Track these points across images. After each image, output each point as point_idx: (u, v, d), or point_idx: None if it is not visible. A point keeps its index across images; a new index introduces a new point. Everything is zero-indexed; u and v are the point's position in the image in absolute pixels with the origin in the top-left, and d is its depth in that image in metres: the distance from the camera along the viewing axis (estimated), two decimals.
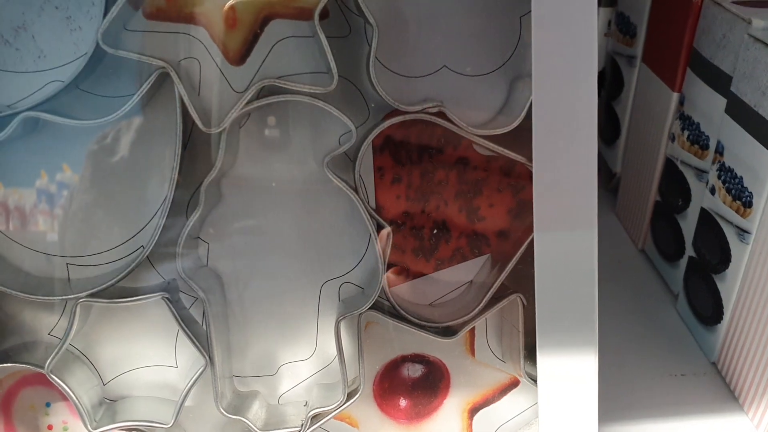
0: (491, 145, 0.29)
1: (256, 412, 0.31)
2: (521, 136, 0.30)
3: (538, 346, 0.29)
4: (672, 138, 0.45)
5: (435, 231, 0.32)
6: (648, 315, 0.45)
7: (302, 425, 0.30)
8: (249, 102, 0.27)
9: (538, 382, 0.30)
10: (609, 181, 0.55)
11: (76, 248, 0.30)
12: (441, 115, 0.29)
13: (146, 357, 0.31)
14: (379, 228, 0.30)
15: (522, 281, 0.31)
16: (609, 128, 0.54)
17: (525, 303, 0.31)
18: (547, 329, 0.29)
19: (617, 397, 0.39)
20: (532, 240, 0.30)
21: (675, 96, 0.45)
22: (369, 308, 0.30)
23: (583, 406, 0.30)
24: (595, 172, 0.29)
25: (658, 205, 0.48)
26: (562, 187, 0.28)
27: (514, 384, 0.33)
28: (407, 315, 0.30)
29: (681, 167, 0.44)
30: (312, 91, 0.28)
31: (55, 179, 0.30)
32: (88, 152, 0.29)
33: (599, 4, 0.53)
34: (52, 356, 0.28)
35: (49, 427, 0.32)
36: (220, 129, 0.27)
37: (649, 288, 0.47)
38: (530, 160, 0.28)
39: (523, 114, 0.29)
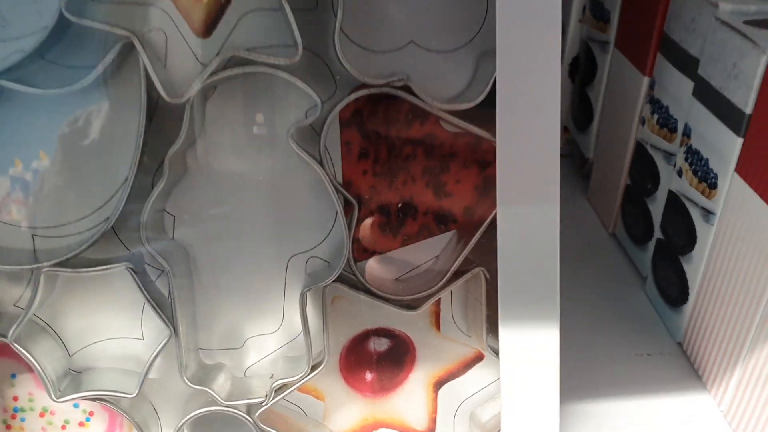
0: (456, 120, 0.29)
1: (222, 384, 0.31)
2: (488, 113, 0.30)
3: (500, 319, 0.30)
4: (642, 122, 0.46)
5: (401, 206, 0.32)
6: (617, 297, 0.46)
7: (266, 396, 0.30)
8: (213, 73, 0.27)
9: (500, 355, 0.30)
10: (582, 167, 0.56)
11: (42, 220, 0.30)
12: (407, 89, 0.29)
13: (112, 329, 0.32)
14: (346, 202, 0.30)
15: (486, 256, 0.31)
16: (582, 114, 0.55)
17: (488, 277, 0.31)
18: (509, 303, 0.30)
19: (583, 375, 0.40)
20: (493, 218, 0.31)
21: (646, 80, 0.45)
22: (336, 281, 0.30)
23: (545, 380, 0.31)
24: (558, 146, 0.29)
25: (628, 188, 0.48)
26: (524, 161, 0.29)
27: (478, 358, 0.33)
28: (372, 288, 0.30)
29: (651, 151, 0.45)
30: (276, 62, 0.28)
31: (30, 167, 0.30)
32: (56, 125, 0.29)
33: None
34: (15, 325, 0.28)
35: (15, 398, 0.32)
36: (184, 99, 0.27)
37: (618, 271, 0.48)
38: (494, 135, 0.29)
39: (488, 89, 0.29)
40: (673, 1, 0.42)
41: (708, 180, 0.38)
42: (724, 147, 0.37)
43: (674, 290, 0.42)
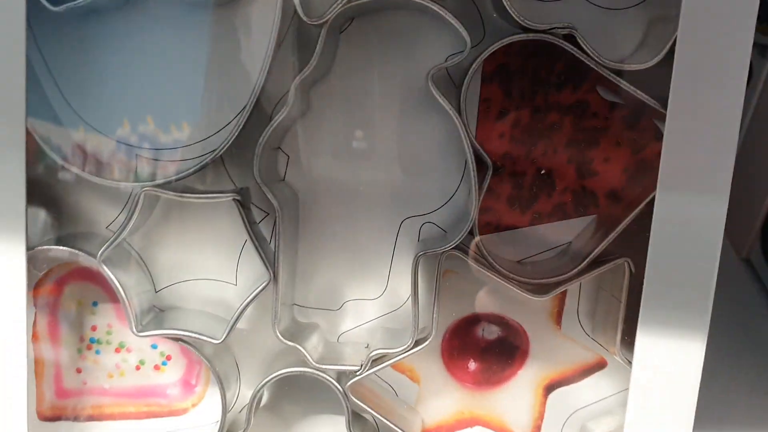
0: (622, 83, 0.25)
1: (314, 346, 0.28)
2: (654, 83, 0.26)
3: (640, 322, 0.26)
4: None
5: (537, 180, 0.28)
6: (748, 328, 0.41)
7: (362, 365, 0.27)
8: None
9: (632, 365, 0.26)
10: None
11: (147, 140, 0.28)
12: (571, 40, 0.25)
13: (206, 269, 0.29)
14: (479, 164, 0.27)
15: (630, 247, 0.27)
16: None
17: (633, 270, 0.27)
18: (653, 304, 0.25)
19: (710, 410, 0.35)
20: (647, 204, 0.27)
21: None
22: (454, 250, 0.27)
23: (680, 401, 0.26)
24: (737, 132, 0.25)
25: None
26: (697, 142, 0.25)
27: (600, 366, 0.29)
28: (496, 264, 0.27)
29: None
30: None
31: (137, 130, 0.28)
32: (175, 37, 0.27)
33: None
34: (106, 245, 0.26)
35: (93, 328, 0.30)
36: (322, 21, 0.25)
37: (750, 300, 0.43)
38: (665, 107, 0.25)
39: (664, 53, 0.25)
40: None
41: None
42: None
43: None
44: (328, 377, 0.27)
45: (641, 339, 0.26)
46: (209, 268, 0.29)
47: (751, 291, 0.44)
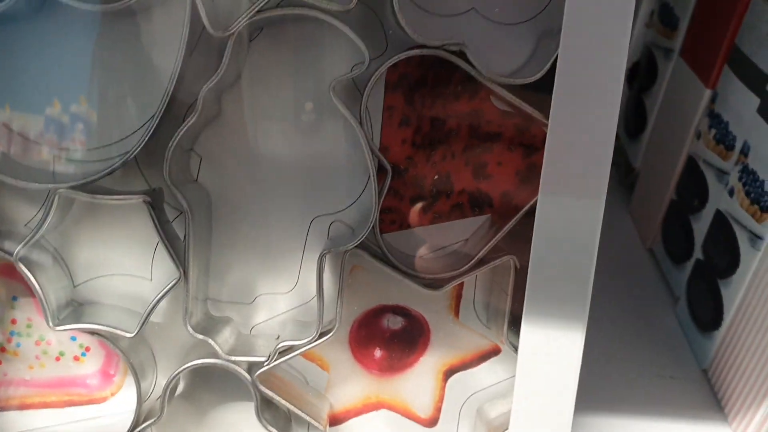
0: (508, 96, 0.28)
1: (226, 338, 0.30)
2: (541, 96, 0.28)
3: (525, 314, 0.28)
4: (698, 136, 0.44)
5: (437, 182, 0.30)
6: (646, 315, 0.44)
7: (270, 356, 0.29)
8: (261, 10, 0.26)
9: (518, 351, 0.28)
10: (627, 176, 0.54)
11: (65, 141, 0.29)
12: (462, 56, 0.27)
13: (122, 265, 0.30)
14: (381, 169, 0.29)
15: (518, 245, 0.30)
16: (635, 121, 0.52)
17: (518, 267, 0.29)
18: (536, 298, 0.28)
19: (600, 389, 0.38)
20: (534, 204, 0.29)
21: (707, 93, 0.43)
22: (357, 248, 0.29)
23: (562, 384, 0.29)
24: (612, 141, 0.27)
25: (673, 204, 0.46)
26: (575, 151, 0.27)
27: (494, 352, 0.32)
28: (394, 261, 0.29)
29: (702, 166, 0.43)
30: (330, 7, 0.26)
31: (69, 110, 0.28)
32: (94, 43, 0.28)
33: None
34: (22, 244, 0.27)
35: (13, 321, 0.31)
36: (228, 33, 0.26)
37: (651, 288, 0.46)
38: (547, 118, 0.27)
39: (546, 68, 0.27)
40: (749, 12, 0.40)
41: (761, 203, 0.36)
42: None
43: (707, 314, 0.40)
44: (238, 368, 0.29)
45: (526, 329, 0.28)
46: (125, 263, 0.30)
47: (654, 279, 0.47)
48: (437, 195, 0.31)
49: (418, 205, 0.31)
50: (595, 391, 0.37)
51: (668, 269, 0.46)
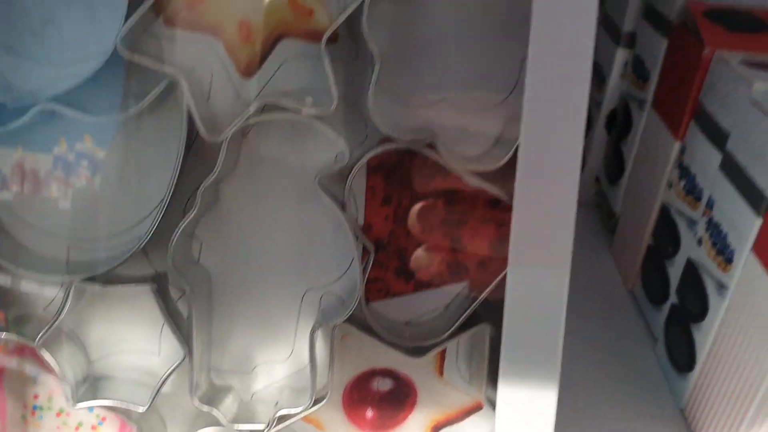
0: (475, 180, 0.30)
1: (228, 406, 0.32)
2: (511, 174, 0.31)
3: (501, 375, 0.31)
4: (669, 185, 0.46)
5: (418, 254, 0.33)
6: (626, 355, 0.46)
7: (269, 423, 0.32)
8: (251, 116, 0.29)
9: (496, 409, 0.31)
10: (609, 220, 0.56)
11: (78, 233, 0.32)
12: (432, 147, 0.30)
13: (132, 342, 0.33)
14: (364, 247, 0.32)
15: (495, 311, 0.32)
16: (615, 168, 0.55)
17: (493, 333, 0.32)
18: (510, 359, 0.30)
19: (583, 431, 0.41)
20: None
21: (677, 144, 0.46)
22: (346, 322, 0.31)
23: None
24: (573, 215, 0.30)
25: (650, 249, 0.49)
26: (539, 225, 0.30)
27: (477, 407, 0.34)
28: (380, 332, 0.32)
29: (674, 215, 0.45)
30: (312, 112, 0.29)
31: (74, 149, 0.31)
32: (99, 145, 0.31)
33: (618, 45, 0.54)
34: (42, 332, 0.30)
35: (35, 397, 0.34)
36: (221, 138, 0.29)
37: (632, 329, 0.48)
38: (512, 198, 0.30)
39: (510, 154, 0.30)
40: (710, 73, 0.43)
41: (725, 254, 0.39)
42: (744, 225, 0.37)
43: (682, 356, 0.43)
44: None
45: (502, 388, 0.31)
46: (135, 341, 0.33)
47: (634, 320, 0.49)
48: (419, 265, 0.33)
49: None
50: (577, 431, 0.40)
51: (648, 311, 0.48)
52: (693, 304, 0.42)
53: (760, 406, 0.35)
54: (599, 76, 0.56)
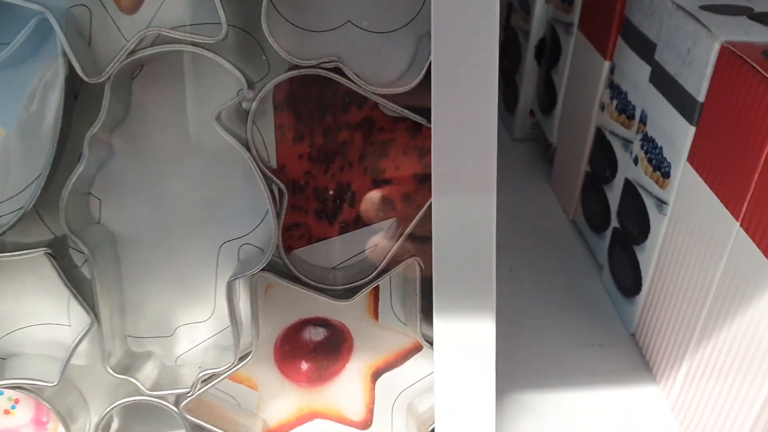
0: (391, 105, 0.28)
1: (148, 373, 0.30)
2: (428, 97, 0.29)
3: (435, 310, 0.29)
4: (602, 107, 0.45)
5: (338, 192, 0.31)
6: (573, 285, 0.45)
7: (192, 385, 0.29)
8: (133, 51, 0.26)
9: (434, 345, 0.29)
10: (546, 152, 0.55)
11: None
12: (339, 71, 0.28)
13: (38, 314, 0.31)
14: (278, 189, 0.30)
15: (423, 245, 0.30)
16: (547, 98, 0.54)
17: (422, 266, 0.30)
18: (443, 293, 0.29)
19: (531, 364, 0.39)
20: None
21: (606, 64, 0.44)
22: (266, 270, 0.29)
23: (480, 371, 0.30)
24: (495, 137, 0.28)
25: (588, 175, 0.48)
26: (460, 150, 0.28)
27: (417, 348, 0.33)
28: (301, 276, 0.29)
29: (609, 137, 0.44)
30: (201, 41, 0.27)
31: None
32: None
33: None
34: None
35: None
36: (102, 79, 0.26)
37: (576, 258, 0.47)
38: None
39: (423, 73, 0.28)
40: None
41: (662, 169, 0.38)
42: (677, 136, 0.36)
43: (628, 280, 0.42)
44: (163, 402, 0.30)
45: (438, 324, 0.29)
46: (41, 312, 0.31)
47: (578, 249, 0.48)
48: (340, 205, 0.31)
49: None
50: (526, 367, 0.39)
51: (591, 239, 0.47)
52: (634, 225, 0.41)
53: (706, 320, 0.34)
54: (525, 5, 0.54)
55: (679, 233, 0.36)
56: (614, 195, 0.44)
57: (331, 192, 0.31)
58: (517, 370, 0.38)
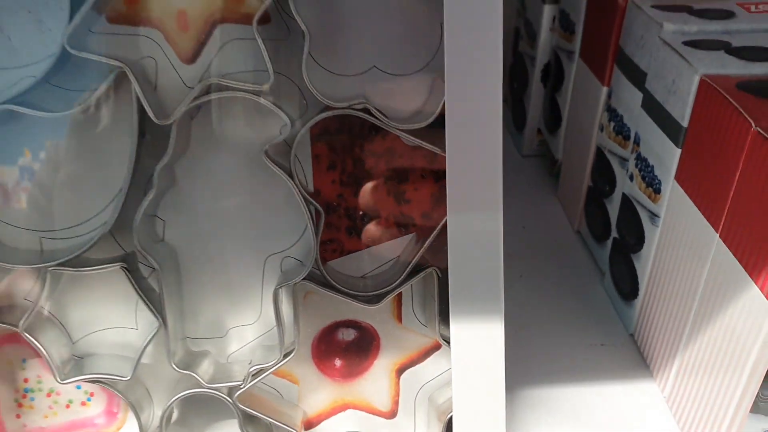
0: (411, 138, 0.33)
1: (206, 369, 0.35)
2: (441, 130, 0.34)
3: (451, 313, 0.34)
4: (601, 128, 0.49)
5: (366, 212, 0.36)
6: (578, 290, 0.50)
7: (244, 379, 0.34)
8: (196, 98, 0.31)
9: (450, 344, 0.34)
10: (552, 167, 0.59)
11: (48, 224, 0.34)
12: (367, 111, 0.33)
13: (110, 320, 0.36)
14: (316, 210, 0.34)
15: (440, 256, 0.35)
16: (552, 118, 0.58)
17: (440, 275, 0.35)
18: (457, 298, 0.33)
19: (539, 363, 0.44)
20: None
21: (604, 90, 0.49)
22: (306, 279, 0.34)
23: (491, 367, 0.35)
24: (500, 162, 0.33)
25: (590, 190, 0.52)
26: (470, 174, 0.32)
27: (436, 347, 0.37)
28: (336, 285, 0.34)
29: (608, 156, 0.49)
30: (251, 88, 0.32)
31: (38, 158, 0.33)
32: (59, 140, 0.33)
33: (545, 1, 0.57)
34: (24, 317, 0.33)
35: (25, 380, 0.36)
36: (171, 121, 0.31)
37: (581, 266, 0.52)
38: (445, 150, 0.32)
39: (438, 110, 0.33)
40: (626, 18, 0.46)
41: (653, 185, 0.42)
42: (666, 156, 0.40)
43: (627, 285, 0.46)
44: (220, 393, 0.35)
45: (453, 325, 0.34)
46: (113, 318, 0.36)
47: (582, 258, 0.53)
48: (368, 222, 0.36)
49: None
50: (533, 365, 0.43)
51: (594, 248, 0.52)
52: (631, 236, 0.45)
53: (693, 320, 0.38)
54: (531, 33, 0.59)
55: (670, 243, 0.41)
56: (614, 208, 0.48)
57: (359, 211, 0.36)
58: (527, 366, 0.43)
